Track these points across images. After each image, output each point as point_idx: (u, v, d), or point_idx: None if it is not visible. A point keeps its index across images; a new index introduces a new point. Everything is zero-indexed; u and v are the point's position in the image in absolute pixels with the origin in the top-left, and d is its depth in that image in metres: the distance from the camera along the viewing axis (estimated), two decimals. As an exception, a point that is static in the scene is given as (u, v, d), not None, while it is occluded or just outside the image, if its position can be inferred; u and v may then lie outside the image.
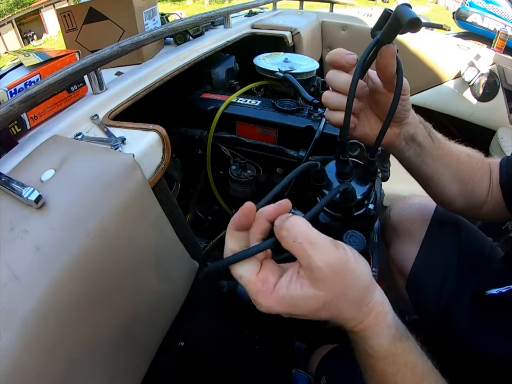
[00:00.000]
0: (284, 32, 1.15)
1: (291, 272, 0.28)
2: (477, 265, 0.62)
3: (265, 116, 0.71)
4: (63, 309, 0.34)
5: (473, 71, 1.40)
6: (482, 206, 0.52)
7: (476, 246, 0.65)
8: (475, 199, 0.51)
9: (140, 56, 0.83)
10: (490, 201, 0.51)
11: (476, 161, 0.50)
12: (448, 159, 0.48)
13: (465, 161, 0.49)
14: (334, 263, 0.26)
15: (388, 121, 0.37)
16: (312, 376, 0.70)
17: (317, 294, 0.26)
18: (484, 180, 0.50)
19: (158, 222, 0.48)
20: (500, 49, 1.44)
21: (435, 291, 0.61)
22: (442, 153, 0.47)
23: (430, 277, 0.63)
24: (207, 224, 0.92)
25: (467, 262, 0.62)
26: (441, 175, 0.48)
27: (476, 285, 0.56)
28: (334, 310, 0.28)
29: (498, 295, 0.46)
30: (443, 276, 0.62)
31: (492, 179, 0.51)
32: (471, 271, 0.61)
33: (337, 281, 0.26)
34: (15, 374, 0.30)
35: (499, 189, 0.50)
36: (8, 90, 0.53)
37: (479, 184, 0.50)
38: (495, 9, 3.16)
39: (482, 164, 0.51)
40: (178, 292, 0.56)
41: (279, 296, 0.27)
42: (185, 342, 0.64)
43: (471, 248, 0.64)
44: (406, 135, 0.44)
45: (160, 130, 0.49)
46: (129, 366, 0.47)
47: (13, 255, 0.34)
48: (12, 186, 0.37)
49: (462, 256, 0.63)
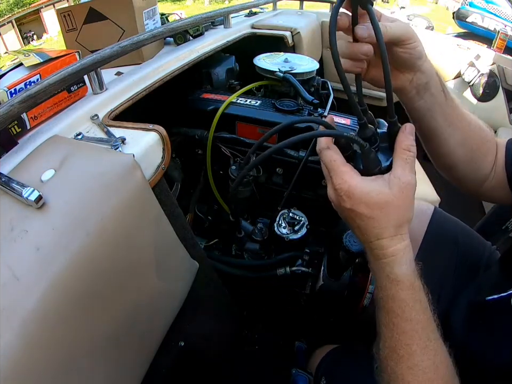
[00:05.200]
0: (284, 32, 1.15)
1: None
2: (475, 271, 0.61)
3: (265, 116, 0.71)
4: (63, 309, 0.34)
5: (473, 71, 1.40)
6: (484, 181, 0.50)
7: (474, 251, 0.64)
8: (478, 172, 0.50)
9: (140, 56, 0.83)
10: (492, 179, 0.50)
11: (485, 134, 0.48)
12: (459, 122, 0.46)
13: (476, 130, 0.48)
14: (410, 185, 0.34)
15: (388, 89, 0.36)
16: (312, 376, 0.70)
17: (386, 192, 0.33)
18: (490, 154, 0.49)
19: (158, 222, 0.48)
20: (499, 49, 1.44)
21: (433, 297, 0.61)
22: (454, 114, 0.45)
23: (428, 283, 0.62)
24: (207, 224, 0.92)
25: (465, 268, 0.62)
26: (448, 136, 0.46)
27: (475, 290, 0.55)
28: (384, 219, 0.34)
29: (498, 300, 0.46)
30: (441, 282, 0.61)
31: (497, 158, 0.49)
32: (470, 276, 0.60)
33: (402, 197, 0.33)
34: (15, 373, 0.30)
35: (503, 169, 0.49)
36: (8, 90, 0.53)
37: (485, 157, 0.49)
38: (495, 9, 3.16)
39: (492, 138, 0.49)
40: (178, 291, 0.56)
41: (358, 178, 0.34)
42: (185, 342, 0.64)
43: (469, 254, 0.63)
44: (419, 82, 0.42)
45: (160, 130, 0.49)
46: (129, 365, 0.47)
47: (13, 255, 0.34)
48: (12, 186, 0.37)
49: (460, 262, 0.62)
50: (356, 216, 0.35)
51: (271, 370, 0.91)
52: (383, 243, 0.35)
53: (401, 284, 0.34)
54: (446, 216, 0.70)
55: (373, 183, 0.34)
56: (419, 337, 0.34)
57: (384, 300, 0.35)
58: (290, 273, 0.74)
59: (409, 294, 0.34)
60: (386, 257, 0.35)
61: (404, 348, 0.34)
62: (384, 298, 0.35)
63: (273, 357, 0.93)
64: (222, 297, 0.78)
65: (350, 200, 0.34)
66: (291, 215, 0.72)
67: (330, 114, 0.72)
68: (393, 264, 0.34)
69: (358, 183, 0.34)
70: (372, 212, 0.34)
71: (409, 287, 0.34)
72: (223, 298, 0.79)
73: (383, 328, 0.36)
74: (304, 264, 0.75)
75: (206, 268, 0.67)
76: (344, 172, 0.35)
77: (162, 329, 0.53)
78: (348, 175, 0.35)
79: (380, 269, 0.36)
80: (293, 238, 0.69)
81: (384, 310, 0.36)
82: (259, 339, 0.97)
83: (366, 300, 0.62)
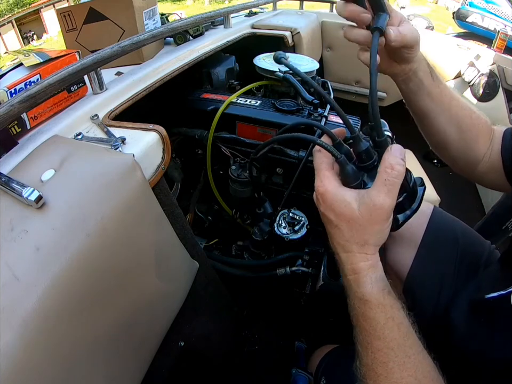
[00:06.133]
0: (284, 32, 1.15)
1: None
2: (475, 269, 0.61)
3: (265, 116, 0.71)
4: (63, 309, 0.34)
5: (473, 71, 1.40)
6: (477, 163, 0.52)
7: (473, 249, 0.64)
8: (470, 153, 0.51)
9: (140, 56, 0.83)
10: (487, 163, 0.51)
11: (477, 116, 0.51)
12: (447, 101, 0.48)
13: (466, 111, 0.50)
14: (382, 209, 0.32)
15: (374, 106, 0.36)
16: (312, 376, 0.70)
17: (353, 207, 0.32)
18: (483, 137, 0.51)
19: (158, 222, 0.48)
20: (499, 49, 1.44)
21: (432, 295, 0.61)
22: (441, 94, 0.48)
23: (427, 282, 0.63)
24: (207, 224, 0.92)
25: (465, 266, 0.62)
26: (437, 114, 0.49)
27: (475, 289, 0.55)
28: (348, 233, 0.33)
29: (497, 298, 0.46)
30: (440, 281, 0.61)
31: (493, 143, 0.51)
32: (469, 275, 0.61)
33: (369, 219, 0.32)
34: (15, 374, 0.30)
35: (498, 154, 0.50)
36: (8, 90, 0.53)
37: (476, 138, 0.50)
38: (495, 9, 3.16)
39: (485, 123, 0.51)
40: (178, 291, 0.56)
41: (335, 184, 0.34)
42: (185, 342, 0.63)
43: (469, 252, 0.63)
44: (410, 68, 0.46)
45: (160, 130, 0.49)
46: (129, 366, 0.47)
47: (13, 255, 0.34)
48: (12, 186, 0.37)
49: (459, 261, 0.62)
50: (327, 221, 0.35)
51: (271, 370, 0.91)
52: (347, 258, 0.35)
53: (368, 303, 0.34)
54: (446, 215, 0.70)
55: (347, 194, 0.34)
56: (395, 355, 0.33)
57: (356, 318, 0.35)
58: (290, 273, 0.74)
59: (379, 312, 0.33)
60: (350, 275, 0.35)
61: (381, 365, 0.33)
62: (356, 316, 0.35)
63: (273, 357, 0.93)
64: (222, 297, 0.78)
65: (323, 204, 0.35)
66: (291, 215, 0.72)
67: (330, 114, 0.72)
68: (358, 283, 0.34)
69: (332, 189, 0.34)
70: (338, 221, 0.34)
71: (378, 306, 0.33)
72: (223, 298, 0.79)
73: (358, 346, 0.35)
74: (304, 264, 0.75)
75: (206, 268, 0.67)
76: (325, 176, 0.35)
77: (162, 329, 0.53)
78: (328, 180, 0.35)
79: (348, 286, 0.36)
80: (293, 238, 0.69)
81: (357, 328, 0.35)
82: (259, 339, 0.97)
83: (366, 300, 0.62)
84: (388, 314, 0.33)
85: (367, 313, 0.34)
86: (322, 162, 0.36)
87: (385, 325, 0.33)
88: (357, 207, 0.32)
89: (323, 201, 0.34)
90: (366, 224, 0.33)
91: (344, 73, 1.61)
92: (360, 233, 0.33)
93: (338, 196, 0.33)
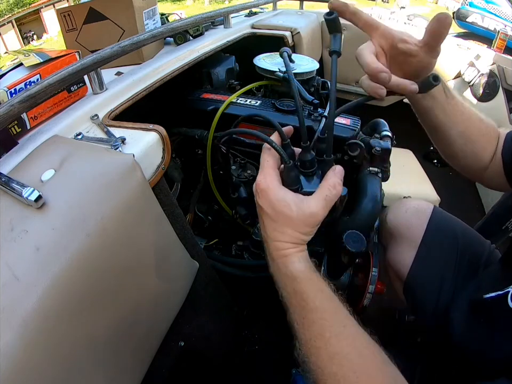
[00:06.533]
0: (284, 32, 1.15)
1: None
2: (475, 269, 0.61)
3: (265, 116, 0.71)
4: (63, 309, 0.34)
5: (473, 71, 1.40)
6: (484, 170, 0.54)
7: (473, 249, 0.64)
8: (478, 162, 0.53)
9: (140, 56, 0.83)
10: (492, 167, 0.53)
11: (485, 126, 0.52)
12: (459, 116, 0.50)
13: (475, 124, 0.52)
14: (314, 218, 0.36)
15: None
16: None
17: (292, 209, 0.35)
18: (490, 146, 0.53)
19: (158, 222, 0.48)
20: (499, 49, 1.44)
21: (433, 295, 0.61)
22: (453, 110, 0.50)
23: (427, 281, 0.63)
24: (207, 224, 0.92)
25: (465, 265, 0.62)
26: (449, 129, 0.51)
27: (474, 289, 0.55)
28: (283, 226, 0.36)
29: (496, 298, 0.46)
30: (440, 281, 0.62)
31: (498, 147, 0.53)
32: (469, 274, 0.61)
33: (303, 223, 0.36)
34: (15, 374, 0.30)
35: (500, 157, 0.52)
36: (8, 90, 0.53)
37: (484, 148, 0.52)
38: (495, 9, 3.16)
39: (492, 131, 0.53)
40: (178, 292, 0.56)
41: (277, 183, 0.37)
42: (185, 342, 0.64)
43: (468, 252, 0.63)
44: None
45: (160, 130, 0.49)
46: (129, 366, 0.47)
47: (13, 255, 0.34)
48: (12, 186, 0.37)
49: (459, 260, 0.63)
50: (263, 213, 0.38)
51: (271, 370, 0.91)
52: (279, 245, 0.37)
53: (298, 278, 0.36)
54: (446, 215, 0.71)
55: (287, 195, 0.36)
56: (329, 325, 0.34)
57: (288, 298, 0.37)
58: (290, 273, 0.74)
59: (308, 285, 0.36)
60: (280, 258, 0.37)
61: (318, 338, 0.34)
62: (287, 296, 0.37)
63: (273, 357, 0.93)
64: (222, 297, 0.78)
65: (262, 199, 0.37)
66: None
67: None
68: (287, 263, 0.37)
69: (274, 188, 0.37)
70: (276, 216, 0.37)
71: (307, 280, 0.36)
72: (223, 298, 0.79)
73: (296, 327, 0.37)
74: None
75: (206, 268, 0.67)
76: (269, 174, 0.38)
77: (162, 329, 0.53)
78: (270, 177, 0.37)
79: (278, 270, 0.38)
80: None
81: (291, 308, 0.37)
82: (259, 339, 0.97)
83: (366, 300, 0.62)
84: (317, 287, 0.36)
85: (298, 288, 0.36)
86: (269, 161, 0.39)
87: (316, 296, 0.35)
88: (295, 209, 0.36)
89: (263, 196, 0.37)
90: (300, 224, 0.36)
91: (344, 73, 1.61)
92: (293, 230, 0.37)
93: (279, 196, 0.36)
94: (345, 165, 0.58)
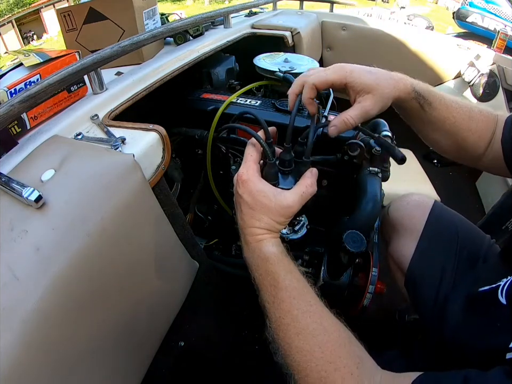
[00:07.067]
0: (284, 32, 1.15)
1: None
2: (474, 262, 0.62)
3: (265, 116, 0.71)
4: (63, 309, 0.34)
5: (473, 71, 1.40)
6: (479, 159, 0.54)
7: (473, 242, 0.65)
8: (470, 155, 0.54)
9: (140, 56, 0.83)
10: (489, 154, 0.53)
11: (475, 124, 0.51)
12: (441, 125, 0.51)
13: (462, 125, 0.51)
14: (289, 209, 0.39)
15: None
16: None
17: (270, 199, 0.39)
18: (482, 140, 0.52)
19: (158, 222, 0.48)
20: (499, 49, 1.44)
21: (433, 286, 0.62)
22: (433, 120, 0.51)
23: (428, 272, 0.63)
24: (207, 224, 0.92)
25: (464, 258, 0.63)
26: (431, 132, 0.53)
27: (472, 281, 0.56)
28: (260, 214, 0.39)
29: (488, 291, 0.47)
30: (441, 271, 0.62)
31: (496, 133, 0.52)
32: (468, 267, 0.61)
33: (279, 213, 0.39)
34: (15, 374, 0.30)
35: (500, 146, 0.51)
36: (8, 90, 0.53)
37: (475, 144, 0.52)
38: (495, 9, 3.16)
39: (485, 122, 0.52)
40: (178, 292, 0.56)
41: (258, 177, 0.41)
42: (185, 342, 0.64)
43: (468, 245, 0.64)
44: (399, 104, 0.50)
45: (160, 130, 0.49)
46: (129, 366, 0.47)
47: (13, 255, 0.34)
48: (12, 186, 0.37)
49: (459, 253, 0.63)
50: (242, 202, 0.41)
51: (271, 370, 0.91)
52: (255, 231, 0.40)
53: (270, 259, 0.39)
54: (446, 209, 0.71)
55: (266, 187, 0.40)
56: (297, 303, 0.37)
57: (260, 279, 0.40)
58: (290, 273, 0.74)
59: (279, 266, 0.39)
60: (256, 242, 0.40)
61: (287, 315, 0.37)
62: (259, 277, 0.40)
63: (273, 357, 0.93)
64: (222, 297, 0.78)
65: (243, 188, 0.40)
66: (291, 215, 0.72)
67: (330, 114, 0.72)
68: (261, 246, 0.40)
69: (255, 180, 0.40)
70: (254, 205, 0.40)
71: (278, 262, 0.39)
72: (223, 298, 0.79)
73: (267, 306, 0.39)
74: (304, 264, 0.75)
75: (206, 268, 0.67)
76: (251, 167, 0.41)
77: (162, 329, 0.53)
78: (252, 171, 0.41)
79: (251, 253, 0.41)
80: (293, 238, 0.68)
81: (263, 288, 0.40)
82: (259, 339, 0.97)
83: (366, 300, 0.62)
84: (287, 268, 0.39)
85: (270, 269, 0.39)
86: (253, 155, 0.43)
87: (286, 276, 0.38)
88: (273, 200, 0.39)
89: (243, 186, 0.40)
90: (276, 214, 0.39)
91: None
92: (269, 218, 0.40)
93: (259, 187, 0.40)
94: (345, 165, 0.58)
